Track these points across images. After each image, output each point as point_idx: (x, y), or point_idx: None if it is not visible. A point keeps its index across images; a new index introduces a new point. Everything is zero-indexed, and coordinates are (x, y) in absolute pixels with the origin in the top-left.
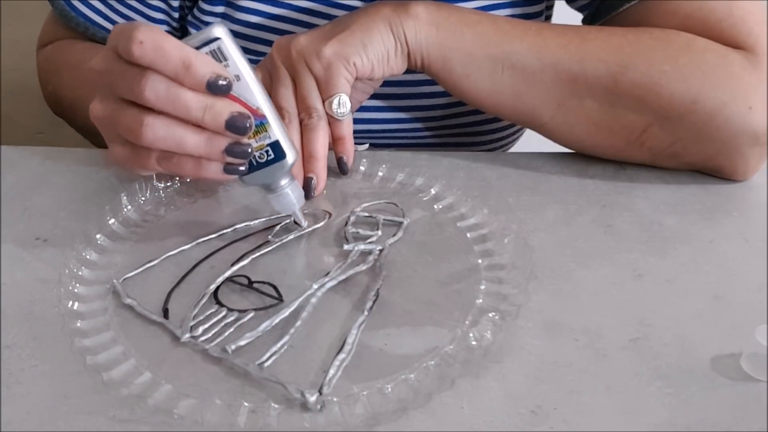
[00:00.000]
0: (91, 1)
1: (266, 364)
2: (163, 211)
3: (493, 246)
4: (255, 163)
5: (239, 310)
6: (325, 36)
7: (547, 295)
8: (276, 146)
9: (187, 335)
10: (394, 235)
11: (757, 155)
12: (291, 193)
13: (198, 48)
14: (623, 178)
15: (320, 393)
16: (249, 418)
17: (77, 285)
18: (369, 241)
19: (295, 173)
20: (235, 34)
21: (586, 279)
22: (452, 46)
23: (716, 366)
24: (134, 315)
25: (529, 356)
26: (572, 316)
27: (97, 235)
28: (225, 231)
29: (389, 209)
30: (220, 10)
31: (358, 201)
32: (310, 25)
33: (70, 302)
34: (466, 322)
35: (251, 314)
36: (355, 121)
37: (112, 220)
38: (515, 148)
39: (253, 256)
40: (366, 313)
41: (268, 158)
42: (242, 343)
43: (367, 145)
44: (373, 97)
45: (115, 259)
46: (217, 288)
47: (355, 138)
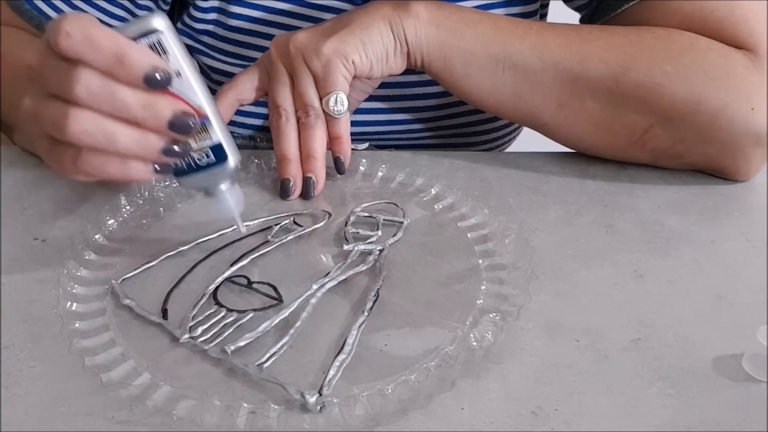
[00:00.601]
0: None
1: (266, 365)
2: (162, 211)
3: (494, 246)
4: (194, 166)
5: (238, 311)
6: (324, 33)
7: (548, 295)
8: (218, 149)
9: (186, 336)
10: (394, 236)
11: (759, 156)
12: (230, 198)
13: (135, 39)
14: (624, 178)
15: (320, 394)
16: (248, 419)
17: (76, 286)
18: (369, 241)
19: (294, 173)
20: (228, 40)
21: (587, 279)
22: (453, 46)
23: (718, 367)
24: (133, 316)
25: (530, 357)
26: (573, 316)
27: (96, 236)
28: (224, 231)
29: (389, 209)
30: (212, 17)
31: (358, 201)
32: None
33: (69, 303)
34: (467, 323)
35: (251, 315)
36: (353, 122)
37: (111, 221)
38: (515, 148)
39: (253, 257)
40: (366, 314)
41: (208, 161)
42: (241, 343)
43: (367, 145)
44: (371, 98)
45: (113, 259)
46: (217, 288)
47: (354, 139)
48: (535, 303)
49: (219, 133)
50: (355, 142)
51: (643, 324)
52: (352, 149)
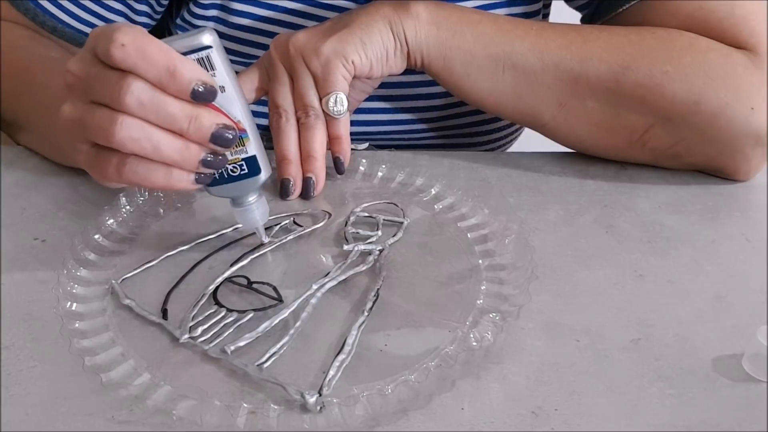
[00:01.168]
0: (60, 1)
1: (266, 365)
2: (162, 211)
3: (494, 246)
4: (226, 176)
5: (238, 311)
6: (324, 33)
7: (548, 295)
8: (251, 161)
9: (186, 336)
10: (394, 236)
11: (759, 156)
12: (256, 210)
13: (185, 54)
14: (624, 178)
15: (320, 394)
16: (248, 419)
17: (76, 286)
18: (369, 241)
19: (294, 173)
20: (228, 37)
21: (587, 279)
22: (453, 46)
23: (718, 367)
24: (133, 316)
25: (530, 357)
26: (573, 316)
27: (96, 236)
28: (224, 231)
29: (389, 209)
30: (213, 13)
31: (358, 201)
32: (303, 28)
33: (69, 303)
34: (467, 323)
35: (250, 315)
36: (353, 122)
37: (111, 221)
38: (515, 148)
39: (253, 257)
40: (366, 314)
41: (241, 172)
42: (241, 343)
43: (367, 145)
44: (371, 98)
45: (113, 259)
46: (216, 288)
47: (354, 139)
48: (535, 303)
49: (255, 146)
50: (355, 142)
51: (643, 324)
52: (352, 149)
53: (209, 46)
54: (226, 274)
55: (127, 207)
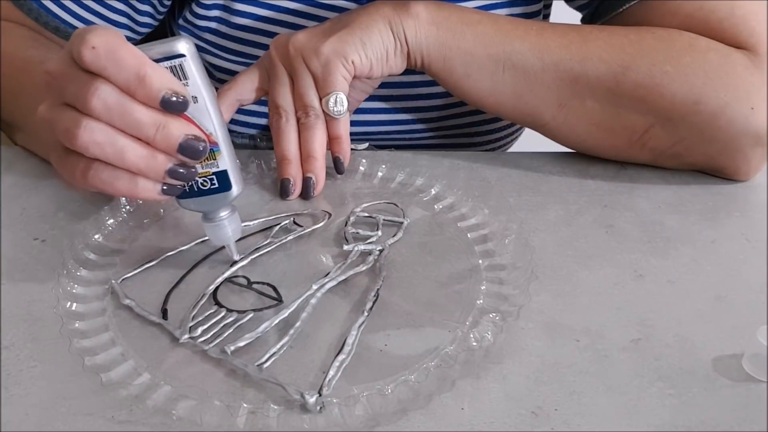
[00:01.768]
0: (63, 1)
1: (266, 365)
2: (162, 211)
3: (494, 246)
4: (196, 189)
5: (238, 311)
6: (324, 33)
7: (548, 295)
8: (222, 176)
9: (186, 336)
10: (394, 236)
11: (759, 155)
12: (228, 226)
13: (158, 61)
14: (624, 178)
15: (320, 394)
16: (248, 419)
17: (75, 286)
18: (369, 241)
19: (294, 173)
20: (230, 38)
21: (587, 279)
22: (453, 46)
23: (718, 367)
24: (133, 316)
25: (530, 357)
26: (573, 316)
27: (96, 236)
28: None
29: (389, 209)
30: (215, 13)
31: (358, 201)
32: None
33: (69, 303)
34: (467, 323)
35: (250, 315)
36: (354, 122)
37: (111, 221)
38: (515, 148)
39: (253, 257)
40: (366, 314)
41: (212, 186)
42: (241, 344)
43: (367, 145)
44: (371, 98)
45: (113, 259)
46: (216, 288)
47: (354, 139)
48: (535, 303)
49: (227, 161)
50: (355, 142)
51: (643, 324)
52: (352, 149)
53: (183, 55)
54: (226, 274)
55: (127, 207)
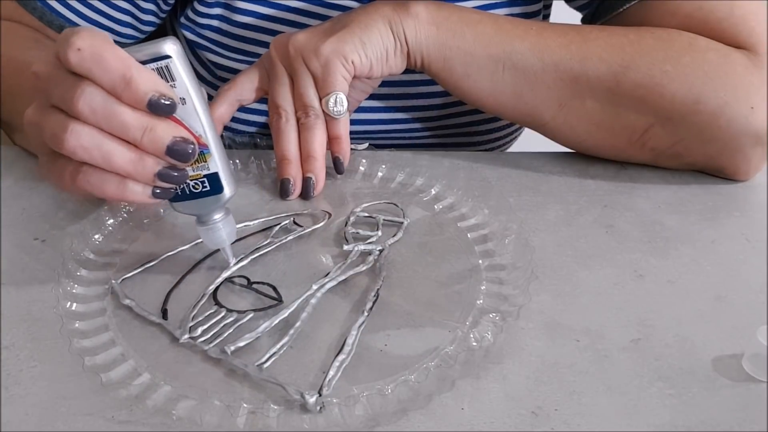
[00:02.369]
0: (68, 0)
1: (266, 365)
2: (162, 211)
3: (494, 246)
4: (188, 192)
5: (238, 311)
6: (324, 33)
7: (548, 295)
8: (214, 178)
9: (186, 336)
10: (394, 236)
11: (759, 155)
12: (222, 229)
13: (144, 63)
14: (624, 178)
15: (320, 394)
16: (248, 419)
17: (75, 286)
18: (369, 241)
19: (294, 173)
20: (233, 36)
21: (587, 279)
22: (452, 46)
23: (718, 367)
24: (133, 316)
25: (530, 357)
26: (573, 316)
27: (96, 236)
28: None
29: (389, 209)
30: (217, 12)
31: (358, 201)
32: (307, 27)
33: (69, 303)
34: (467, 323)
35: (250, 315)
36: (354, 122)
37: (111, 221)
38: (515, 148)
39: (253, 257)
40: (366, 314)
41: (203, 189)
42: (241, 344)
43: (367, 145)
44: (372, 97)
45: (113, 259)
46: (216, 288)
47: (354, 139)
48: (535, 303)
49: (218, 163)
50: (354, 142)
51: (643, 324)
52: (352, 149)
53: (169, 56)
54: (226, 274)
55: (127, 207)
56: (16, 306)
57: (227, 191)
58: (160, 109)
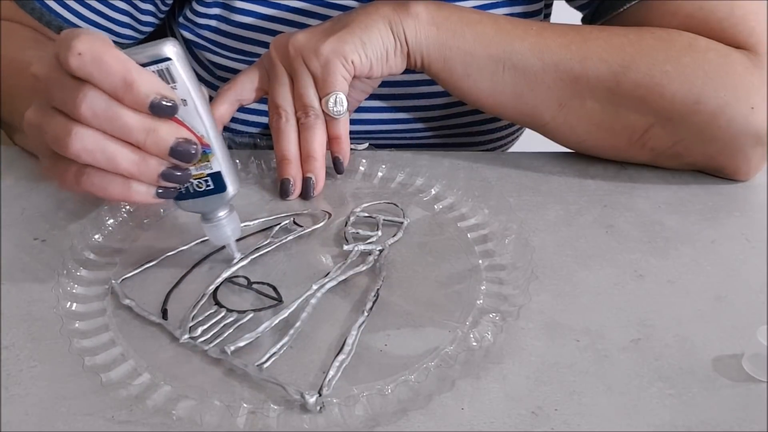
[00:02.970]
0: (67, 1)
1: (265, 365)
2: (162, 211)
3: (494, 246)
4: (192, 191)
5: (238, 311)
6: (324, 33)
7: (548, 295)
8: (217, 177)
9: (186, 336)
10: (394, 236)
11: (759, 155)
12: (227, 225)
13: (145, 65)
14: (624, 178)
15: (320, 394)
16: (248, 419)
17: (75, 286)
18: (369, 241)
19: (294, 173)
20: (231, 36)
21: (587, 279)
22: (453, 46)
23: (718, 367)
24: (133, 316)
25: (530, 357)
26: (573, 316)
27: (96, 236)
28: None
29: (389, 209)
30: (216, 11)
31: (358, 201)
32: (306, 26)
33: (69, 303)
34: (467, 323)
35: (250, 315)
36: (354, 122)
37: (111, 221)
38: (515, 148)
39: (253, 257)
40: (366, 314)
41: (207, 188)
42: (241, 344)
43: (367, 145)
44: (372, 97)
45: (113, 259)
46: (216, 288)
47: (354, 139)
48: (535, 303)
49: (221, 162)
50: (355, 142)
51: (643, 324)
52: (352, 149)
53: (169, 58)
54: (226, 274)
55: (127, 207)
56: (16, 306)
57: (230, 189)
58: (162, 111)
